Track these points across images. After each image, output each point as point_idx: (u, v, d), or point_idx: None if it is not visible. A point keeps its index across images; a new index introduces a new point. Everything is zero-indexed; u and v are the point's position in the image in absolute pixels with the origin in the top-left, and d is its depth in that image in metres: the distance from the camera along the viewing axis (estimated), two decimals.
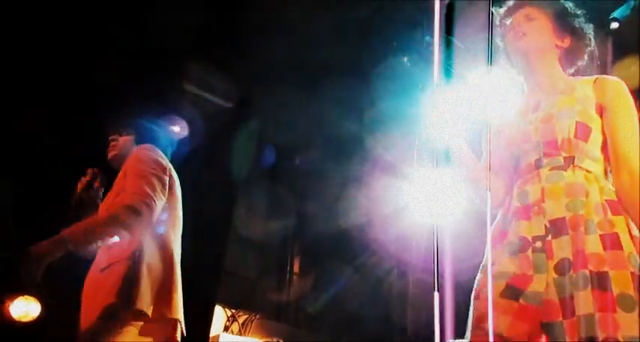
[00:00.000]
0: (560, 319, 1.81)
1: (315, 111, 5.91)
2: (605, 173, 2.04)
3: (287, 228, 7.71)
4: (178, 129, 3.01)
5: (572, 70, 2.23)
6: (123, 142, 2.89)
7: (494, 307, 1.87)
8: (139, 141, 2.87)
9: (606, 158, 2.04)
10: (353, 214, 6.69)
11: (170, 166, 2.79)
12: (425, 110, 2.14)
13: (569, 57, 2.20)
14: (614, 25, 4.25)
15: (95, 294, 2.55)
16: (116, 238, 2.57)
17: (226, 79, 5.91)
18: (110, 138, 2.92)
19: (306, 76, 5.70)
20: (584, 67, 2.24)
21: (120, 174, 2.76)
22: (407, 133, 5.09)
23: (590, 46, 2.21)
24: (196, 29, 4.96)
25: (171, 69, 5.30)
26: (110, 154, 2.91)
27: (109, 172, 2.90)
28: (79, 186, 2.90)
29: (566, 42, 2.17)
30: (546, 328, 1.85)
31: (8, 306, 5.37)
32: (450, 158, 2.20)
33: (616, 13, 4.29)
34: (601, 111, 2.05)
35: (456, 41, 4.65)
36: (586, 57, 2.23)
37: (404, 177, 5.47)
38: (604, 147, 2.04)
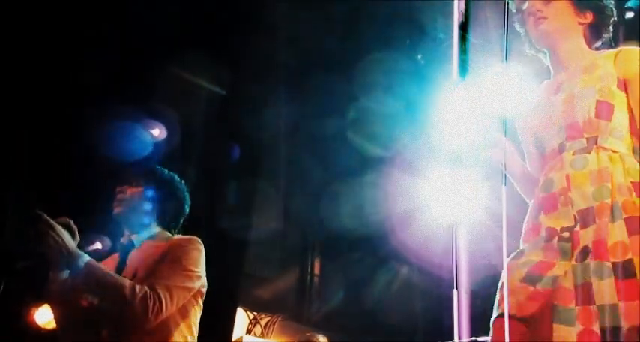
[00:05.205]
0: (573, 305, 1.79)
1: (324, 110, 5.88)
2: (634, 151, 1.99)
3: (307, 229, 7.71)
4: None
5: (599, 44, 2.19)
6: (131, 194, 2.61)
7: (512, 292, 1.87)
8: (148, 196, 2.61)
9: (634, 134, 1.98)
10: (373, 214, 6.67)
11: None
12: (443, 108, 2.13)
13: (593, 31, 2.17)
14: (629, 14, 4.21)
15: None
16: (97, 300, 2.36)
17: (227, 72, 5.75)
18: (117, 190, 2.63)
19: (317, 72, 5.66)
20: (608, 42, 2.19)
21: (154, 250, 2.53)
22: (426, 132, 5.07)
23: (613, 16, 2.16)
24: (179, 24, 4.81)
25: (152, 64, 5.14)
26: (116, 210, 2.60)
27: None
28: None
29: (588, 17, 2.14)
30: (555, 310, 1.82)
31: (34, 313, 5.42)
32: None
33: (630, 2, 4.25)
34: (625, 85, 1.99)
35: (472, 38, 4.62)
36: (611, 28, 2.18)
37: (423, 176, 5.45)
38: (631, 123, 1.98)
